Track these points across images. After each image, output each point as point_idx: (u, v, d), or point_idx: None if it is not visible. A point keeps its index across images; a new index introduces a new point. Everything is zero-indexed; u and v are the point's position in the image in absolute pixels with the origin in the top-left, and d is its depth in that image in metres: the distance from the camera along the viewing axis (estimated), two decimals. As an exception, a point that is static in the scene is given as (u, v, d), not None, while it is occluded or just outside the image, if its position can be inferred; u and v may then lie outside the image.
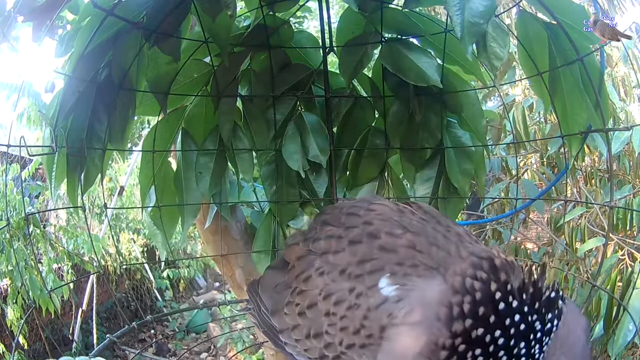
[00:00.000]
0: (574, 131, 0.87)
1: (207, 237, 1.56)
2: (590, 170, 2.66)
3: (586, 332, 0.49)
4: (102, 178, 0.96)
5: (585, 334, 0.48)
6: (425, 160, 1.06)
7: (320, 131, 1.03)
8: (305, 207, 1.10)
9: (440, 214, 0.59)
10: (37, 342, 3.53)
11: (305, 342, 0.55)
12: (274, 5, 0.98)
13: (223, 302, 1.20)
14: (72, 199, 0.92)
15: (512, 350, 0.44)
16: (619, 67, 2.68)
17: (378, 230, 0.53)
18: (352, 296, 0.49)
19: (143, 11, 0.86)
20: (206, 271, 6.60)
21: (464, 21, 0.74)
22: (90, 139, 0.91)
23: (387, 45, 0.98)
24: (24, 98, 2.67)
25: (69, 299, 3.39)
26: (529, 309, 0.45)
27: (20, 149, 0.77)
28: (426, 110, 1.02)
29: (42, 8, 0.81)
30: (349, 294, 0.49)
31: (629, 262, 1.65)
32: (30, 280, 2.30)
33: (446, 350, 0.44)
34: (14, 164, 3.01)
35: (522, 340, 0.44)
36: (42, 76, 1.15)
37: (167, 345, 4.70)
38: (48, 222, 4.04)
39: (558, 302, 0.47)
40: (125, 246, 4.75)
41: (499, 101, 2.59)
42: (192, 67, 1.01)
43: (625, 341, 1.31)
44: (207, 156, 1.05)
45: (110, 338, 0.88)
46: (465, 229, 0.56)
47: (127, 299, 5.09)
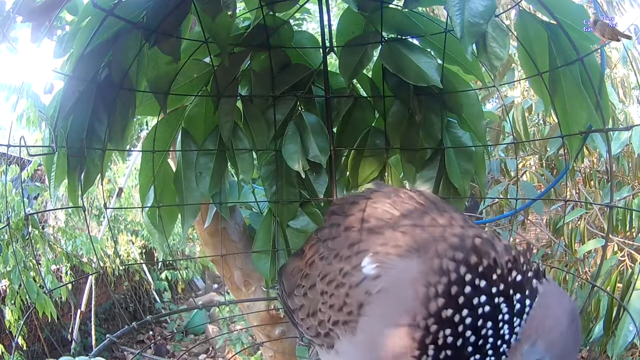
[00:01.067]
0: (574, 131, 0.87)
1: (205, 239, 1.56)
2: (589, 171, 2.66)
3: (570, 314, 0.47)
4: (102, 178, 0.95)
5: (569, 316, 0.47)
6: (426, 161, 1.05)
7: (320, 131, 1.03)
8: (305, 207, 1.10)
9: (441, 200, 0.60)
10: (36, 343, 3.52)
11: (306, 320, 0.57)
12: (274, 6, 0.98)
13: (222, 302, 1.20)
14: (72, 199, 0.92)
15: (480, 330, 0.45)
16: (618, 69, 2.68)
17: (369, 216, 0.55)
18: (340, 275, 0.51)
19: (143, 11, 0.86)
20: (205, 273, 6.59)
21: (463, 21, 0.74)
22: (90, 139, 0.91)
23: (387, 45, 0.98)
24: (23, 99, 2.66)
25: (67, 300, 3.39)
26: (496, 290, 0.45)
27: (20, 149, 0.77)
28: (426, 110, 1.02)
29: (41, 8, 0.81)
30: (338, 274, 0.52)
31: (629, 264, 1.66)
32: (27, 284, 2.30)
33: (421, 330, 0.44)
34: (12, 165, 3.00)
35: (488, 320, 0.45)
36: (41, 77, 1.16)
37: (166, 347, 4.69)
38: (47, 224, 4.03)
39: (530, 283, 0.46)
40: (123, 248, 4.74)
41: (498, 103, 2.59)
42: (192, 67, 1.01)
43: (626, 342, 1.31)
44: (207, 156, 1.05)
45: (110, 338, 0.88)
46: (463, 215, 0.57)
47: (125, 300, 5.09)
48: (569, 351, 0.47)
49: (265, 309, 1.54)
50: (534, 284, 0.47)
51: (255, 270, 1.50)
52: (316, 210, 1.10)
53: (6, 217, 2.29)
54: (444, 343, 0.45)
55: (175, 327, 5.07)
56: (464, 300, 0.45)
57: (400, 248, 0.49)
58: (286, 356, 1.58)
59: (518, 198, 1.47)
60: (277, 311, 1.53)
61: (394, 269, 0.48)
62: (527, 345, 0.45)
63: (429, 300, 0.45)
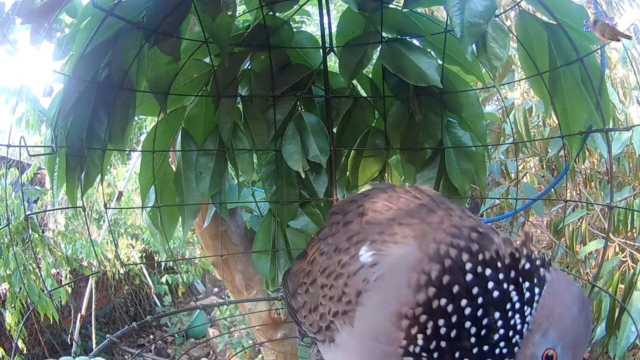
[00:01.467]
0: (574, 131, 0.87)
1: (206, 242, 1.56)
2: (590, 172, 2.66)
3: (579, 301, 0.46)
4: (102, 178, 0.95)
5: (578, 303, 0.46)
6: (426, 161, 1.05)
7: (320, 131, 1.03)
8: (305, 207, 1.09)
9: (438, 194, 0.60)
10: (37, 347, 3.52)
11: (309, 317, 0.57)
12: (274, 6, 0.98)
13: (223, 302, 1.19)
14: (71, 200, 0.92)
15: (481, 320, 0.43)
16: (617, 69, 2.68)
17: (367, 209, 0.55)
18: (339, 266, 0.51)
19: (143, 11, 0.86)
20: (205, 276, 6.58)
21: (463, 21, 0.74)
22: (90, 139, 0.91)
23: (387, 45, 0.98)
24: (22, 102, 2.66)
25: (67, 304, 3.38)
26: (504, 277, 0.44)
27: (20, 152, 0.77)
28: (426, 110, 1.02)
29: (40, 10, 0.81)
30: (337, 265, 0.52)
31: (631, 264, 1.65)
32: (28, 286, 2.30)
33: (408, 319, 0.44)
34: (12, 168, 3.00)
35: (496, 310, 0.43)
36: (40, 80, 1.15)
37: (167, 350, 4.68)
38: (47, 227, 4.03)
39: (538, 270, 0.45)
40: (124, 252, 4.74)
41: (498, 105, 2.59)
42: (192, 67, 1.01)
43: (628, 343, 1.30)
44: (207, 156, 1.05)
45: (110, 338, 0.88)
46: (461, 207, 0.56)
47: (126, 304, 5.08)
48: (581, 339, 0.46)
49: (266, 310, 1.53)
50: (541, 272, 0.46)
51: (256, 274, 1.50)
52: (316, 210, 1.10)
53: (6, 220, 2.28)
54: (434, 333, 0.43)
55: (175, 330, 5.06)
56: (460, 289, 0.43)
57: (397, 236, 0.49)
58: (288, 358, 1.57)
59: (518, 198, 1.47)
60: (278, 313, 1.52)
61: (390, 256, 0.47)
62: (538, 335, 0.45)
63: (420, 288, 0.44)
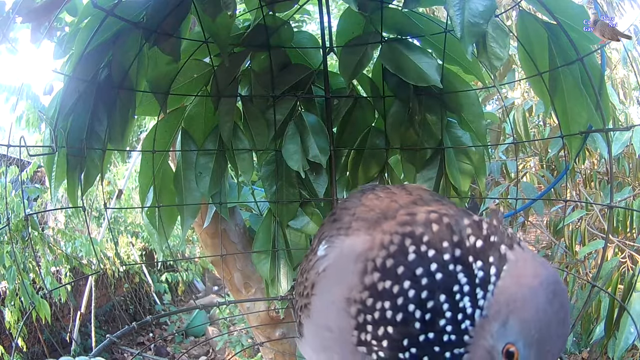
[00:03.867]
0: (574, 131, 0.87)
1: (206, 241, 1.56)
2: (590, 173, 2.66)
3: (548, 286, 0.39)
4: (102, 178, 0.95)
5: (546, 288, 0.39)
6: (426, 161, 1.05)
7: (320, 131, 1.02)
8: (305, 207, 1.09)
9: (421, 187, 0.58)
10: (36, 345, 3.52)
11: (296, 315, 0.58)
12: (274, 6, 0.98)
13: (222, 302, 1.19)
14: (72, 199, 0.92)
15: (426, 303, 0.40)
16: (618, 70, 2.68)
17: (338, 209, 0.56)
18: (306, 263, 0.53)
19: (143, 11, 0.86)
20: (205, 275, 6.59)
21: (463, 21, 0.74)
22: (90, 139, 0.91)
23: (387, 45, 0.98)
24: (22, 101, 2.66)
25: (67, 302, 3.38)
26: (450, 257, 0.40)
27: (20, 150, 0.77)
28: (426, 110, 1.02)
29: (41, 9, 0.81)
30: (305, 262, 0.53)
31: (630, 265, 1.65)
32: (20, 286, 2.30)
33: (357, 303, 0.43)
34: (12, 166, 3.00)
35: (441, 293, 0.40)
36: (40, 78, 1.16)
37: (166, 349, 4.68)
38: (46, 225, 4.03)
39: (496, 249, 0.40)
40: (123, 250, 4.74)
41: (498, 104, 2.59)
42: (192, 67, 1.01)
43: (627, 343, 1.31)
44: (207, 156, 1.05)
45: (110, 338, 0.88)
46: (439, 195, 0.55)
47: (125, 302, 5.09)
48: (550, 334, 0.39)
49: (265, 310, 1.53)
50: (502, 250, 0.40)
51: (255, 273, 1.50)
52: (316, 210, 1.10)
53: (6, 218, 2.29)
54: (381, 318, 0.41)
55: (175, 329, 5.06)
56: (405, 270, 0.41)
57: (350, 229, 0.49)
58: (286, 357, 1.58)
59: (518, 198, 1.47)
60: (277, 313, 1.52)
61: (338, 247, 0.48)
62: (497, 324, 0.39)
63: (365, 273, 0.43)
